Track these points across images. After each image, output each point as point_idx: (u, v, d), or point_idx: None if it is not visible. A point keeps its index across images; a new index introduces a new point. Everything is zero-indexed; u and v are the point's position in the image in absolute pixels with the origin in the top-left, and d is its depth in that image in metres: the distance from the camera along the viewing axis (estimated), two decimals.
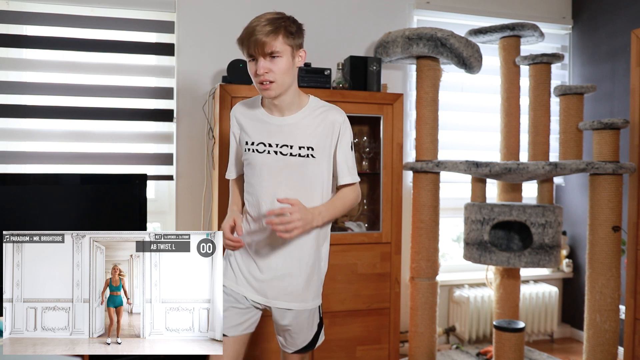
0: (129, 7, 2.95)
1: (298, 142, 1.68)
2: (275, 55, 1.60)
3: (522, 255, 2.79)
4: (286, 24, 1.63)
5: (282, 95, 1.66)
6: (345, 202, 1.75)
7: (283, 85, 1.63)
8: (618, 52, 3.36)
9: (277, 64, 1.60)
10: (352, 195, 1.76)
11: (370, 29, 3.32)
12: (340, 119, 1.74)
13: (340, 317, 2.83)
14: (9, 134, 2.81)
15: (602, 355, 2.73)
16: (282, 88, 1.63)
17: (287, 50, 1.62)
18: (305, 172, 1.68)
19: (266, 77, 1.60)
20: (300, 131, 1.69)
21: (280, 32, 1.60)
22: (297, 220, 1.55)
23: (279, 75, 1.60)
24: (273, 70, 1.60)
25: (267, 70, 1.59)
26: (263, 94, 1.66)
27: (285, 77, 1.62)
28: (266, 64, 1.59)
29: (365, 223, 3.05)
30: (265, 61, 1.59)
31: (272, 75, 1.60)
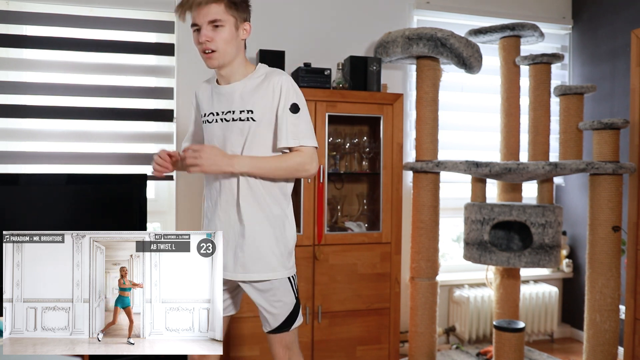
0: (128, 7, 2.95)
1: (238, 106, 1.70)
2: (218, 24, 1.63)
3: (522, 255, 2.79)
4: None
5: (227, 66, 1.70)
6: (282, 162, 1.67)
7: (225, 54, 1.66)
8: (618, 52, 3.36)
9: (220, 33, 1.64)
10: (294, 158, 1.67)
11: (370, 29, 3.32)
12: (281, 81, 1.69)
13: (340, 317, 2.83)
14: (9, 134, 2.81)
15: (602, 355, 2.73)
16: (224, 57, 1.67)
17: (230, 21, 1.65)
18: (247, 135, 1.69)
19: (208, 45, 1.64)
20: (241, 96, 1.71)
21: (222, 1, 1.63)
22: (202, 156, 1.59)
23: (221, 44, 1.64)
24: (215, 39, 1.64)
25: (209, 38, 1.64)
26: (206, 63, 1.69)
27: (228, 47, 1.66)
28: (208, 32, 1.63)
29: (365, 223, 3.05)
30: (207, 30, 1.63)
31: (214, 44, 1.64)
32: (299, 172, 1.69)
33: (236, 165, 1.63)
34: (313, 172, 1.70)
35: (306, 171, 1.69)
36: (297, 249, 2.76)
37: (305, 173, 1.69)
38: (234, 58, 1.69)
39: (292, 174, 1.70)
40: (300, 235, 2.78)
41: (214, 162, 1.61)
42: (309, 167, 1.68)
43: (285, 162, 1.67)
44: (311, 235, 2.78)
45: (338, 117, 2.91)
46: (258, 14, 3.15)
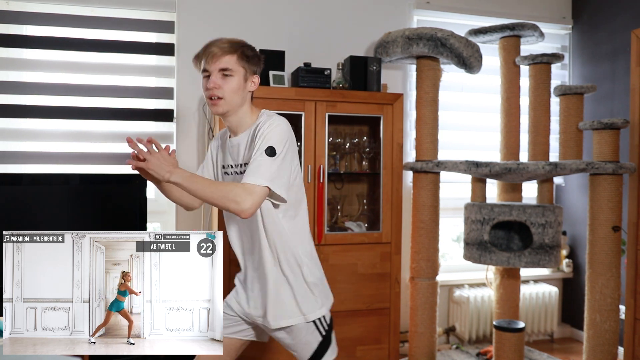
0: (129, 7, 2.95)
1: (242, 159, 1.71)
2: (228, 73, 1.64)
3: (522, 255, 2.79)
4: (244, 48, 1.68)
5: (231, 116, 1.69)
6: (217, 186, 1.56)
7: (231, 104, 1.66)
8: (618, 52, 3.36)
9: (229, 82, 1.64)
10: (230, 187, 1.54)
11: (370, 29, 3.32)
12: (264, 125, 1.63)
13: (340, 317, 2.83)
14: (9, 134, 2.81)
15: (602, 355, 2.73)
16: (229, 106, 1.66)
17: (240, 72, 1.66)
18: None
19: (215, 92, 1.64)
20: (242, 149, 1.71)
21: (236, 52, 1.65)
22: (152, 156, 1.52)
23: (227, 93, 1.64)
24: (223, 87, 1.64)
25: (217, 86, 1.64)
26: (211, 110, 1.69)
27: (234, 97, 1.65)
28: (217, 80, 1.64)
29: (365, 223, 3.05)
30: (217, 77, 1.64)
31: (221, 91, 1.64)
32: (229, 202, 1.52)
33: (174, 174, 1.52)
34: (244, 209, 1.52)
35: (236, 204, 1.51)
36: None
37: (235, 206, 1.51)
38: (238, 108, 1.69)
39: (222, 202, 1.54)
40: None
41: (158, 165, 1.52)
42: (241, 200, 1.51)
43: (220, 187, 1.56)
44: (311, 235, 2.77)
45: (338, 117, 2.91)
46: (258, 14, 3.15)
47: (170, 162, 1.54)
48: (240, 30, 3.10)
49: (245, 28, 3.12)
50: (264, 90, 2.71)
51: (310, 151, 2.76)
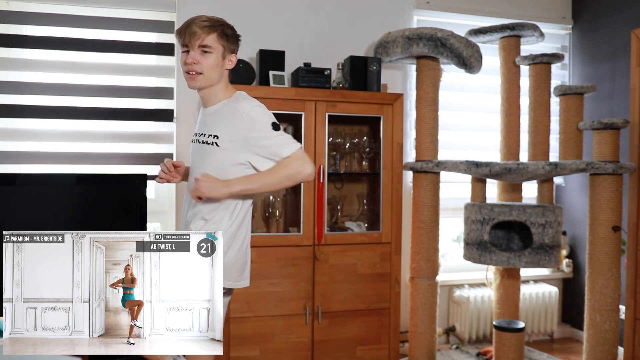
0: (129, 7, 2.95)
1: (208, 130, 1.78)
2: (207, 50, 1.71)
3: (522, 255, 2.79)
4: (223, 26, 1.75)
5: (206, 90, 1.78)
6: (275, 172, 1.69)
7: (208, 79, 1.73)
8: (618, 52, 3.36)
9: (207, 58, 1.71)
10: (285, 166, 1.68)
11: (370, 29, 3.32)
12: (247, 108, 1.72)
13: (340, 317, 2.83)
14: (9, 134, 2.81)
15: (602, 355, 2.73)
16: (207, 82, 1.74)
17: (219, 49, 1.73)
18: (209, 158, 1.75)
19: (194, 67, 1.71)
20: (212, 120, 1.78)
21: (216, 30, 1.72)
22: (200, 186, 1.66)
23: (206, 69, 1.72)
24: (201, 63, 1.71)
25: (195, 61, 1.71)
26: (188, 83, 1.76)
27: (212, 72, 1.73)
28: (197, 55, 1.71)
29: (365, 223, 3.05)
30: (196, 53, 1.70)
31: (199, 67, 1.71)
32: (295, 177, 1.69)
33: (231, 187, 1.67)
34: (309, 173, 1.69)
35: (302, 174, 1.68)
36: (298, 248, 2.77)
37: (302, 176, 1.69)
38: (214, 84, 1.76)
39: (290, 182, 1.71)
40: (300, 235, 2.78)
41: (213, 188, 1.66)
42: (302, 168, 1.68)
43: (277, 173, 1.69)
44: (311, 235, 2.78)
45: (338, 117, 2.91)
46: (258, 14, 3.15)
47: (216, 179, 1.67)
48: (240, 30, 3.09)
49: (245, 28, 3.11)
50: (264, 90, 2.71)
51: (310, 151, 2.76)
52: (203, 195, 1.67)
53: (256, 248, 2.66)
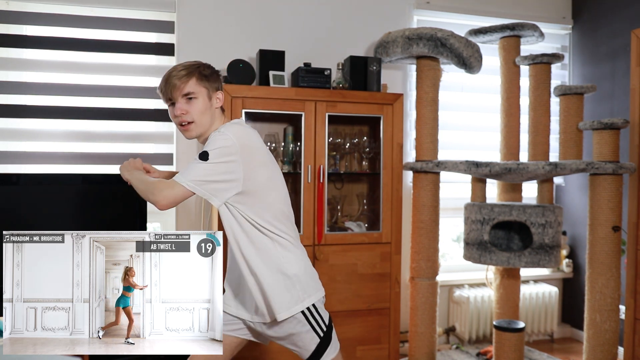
0: (129, 7, 2.95)
1: None
2: (191, 96, 1.69)
3: (522, 255, 2.79)
4: (200, 68, 1.72)
5: (203, 136, 1.74)
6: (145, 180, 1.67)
7: (201, 125, 1.71)
8: (618, 52, 3.36)
9: (194, 104, 1.69)
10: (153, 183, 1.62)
11: (370, 29, 3.32)
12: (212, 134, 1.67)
13: (340, 317, 2.83)
14: (9, 134, 2.81)
15: (602, 355, 2.73)
16: (200, 128, 1.72)
17: (202, 92, 1.70)
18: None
19: (184, 117, 1.70)
20: None
21: (193, 75, 1.70)
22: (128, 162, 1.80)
23: (196, 116, 1.69)
24: (190, 111, 1.69)
25: (183, 111, 1.69)
26: (184, 135, 1.74)
27: (203, 117, 1.71)
28: (183, 105, 1.69)
29: (365, 223, 3.05)
30: (182, 103, 1.69)
31: (189, 116, 1.69)
32: (147, 196, 1.62)
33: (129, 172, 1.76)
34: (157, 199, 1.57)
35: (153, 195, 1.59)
36: None
37: (152, 197, 1.59)
38: (209, 127, 1.73)
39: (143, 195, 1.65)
40: (300, 236, 2.77)
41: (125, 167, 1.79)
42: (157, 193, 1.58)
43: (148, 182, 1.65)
44: (311, 235, 2.78)
45: (338, 117, 2.91)
46: (258, 14, 3.15)
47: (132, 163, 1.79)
48: (240, 30, 3.10)
49: (245, 28, 3.12)
50: (264, 90, 2.71)
51: (310, 151, 2.76)
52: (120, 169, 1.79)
53: None
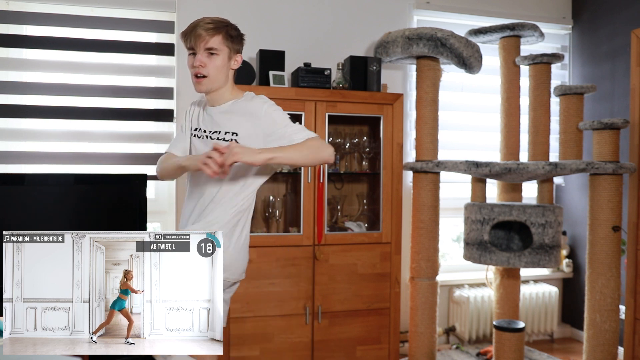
0: (129, 7, 2.95)
1: (224, 128, 1.77)
2: (213, 52, 1.71)
3: (522, 255, 2.79)
4: (228, 27, 1.75)
5: (214, 92, 1.77)
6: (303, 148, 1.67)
7: (215, 81, 1.74)
8: (618, 52, 3.36)
9: (213, 60, 1.71)
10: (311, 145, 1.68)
11: (370, 29, 3.32)
12: (259, 106, 1.75)
13: (340, 317, 2.83)
14: (9, 134, 2.81)
15: (602, 355, 2.73)
16: (213, 84, 1.74)
17: (225, 51, 1.73)
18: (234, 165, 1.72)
19: (201, 70, 1.71)
20: (227, 119, 1.78)
21: (221, 32, 1.72)
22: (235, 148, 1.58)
23: (212, 70, 1.72)
24: (208, 65, 1.71)
25: (202, 64, 1.71)
26: (195, 87, 1.76)
27: (219, 74, 1.73)
28: (203, 58, 1.71)
29: (365, 223, 3.05)
30: (202, 56, 1.71)
31: (206, 69, 1.71)
32: (320, 154, 1.68)
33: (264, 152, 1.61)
34: (331, 152, 1.70)
35: (324, 151, 1.68)
36: (298, 248, 2.77)
37: (325, 154, 1.68)
38: (221, 86, 1.77)
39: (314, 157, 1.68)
40: (300, 235, 2.78)
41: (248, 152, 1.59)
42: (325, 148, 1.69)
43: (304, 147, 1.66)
44: (311, 235, 2.78)
45: (338, 117, 2.91)
46: (258, 14, 3.15)
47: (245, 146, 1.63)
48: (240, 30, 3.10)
49: (245, 28, 3.10)
50: (264, 90, 2.71)
51: None
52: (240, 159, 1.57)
53: (256, 248, 2.66)
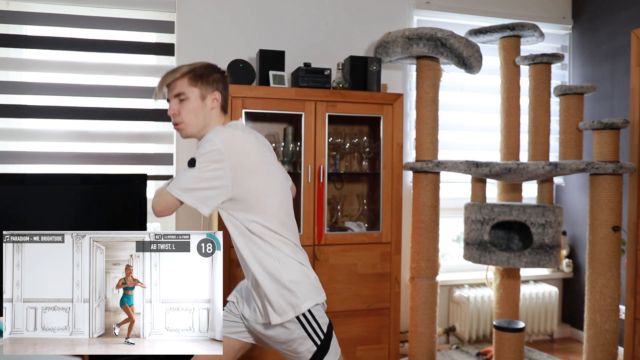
0: (129, 7, 2.95)
1: None
2: (182, 97, 1.69)
3: (522, 255, 2.79)
4: (195, 68, 1.70)
5: (197, 136, 1.74)
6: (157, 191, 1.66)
7: (191, 125, 1.71)
8: (618, 52, 3.37)
9: (184, 105, 1.70)
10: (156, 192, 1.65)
11: (370, 29, 3.32)
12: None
13: (340, 317, 2.83)
14: (9, 134, 2.81)
15: (602, 355, 2.73)
16: (191, 129, 1.71)
17: (194, 92, 1.69)
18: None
19: (175, 118, 1.71)
20: None
21: (185, 75, 1.69)
22: None
23: (186, 116, 1.70)
24: (181, 112, 1.70)
25: (175, 112, 1.71)
26: (179, 134, 1.76)
27: (193, 118, 1.70)
28: (175, 105, 1.71)
29: (365, 223, 3.05)
30: (174, 103, 1.71)
31: (179, 117, 1.70)
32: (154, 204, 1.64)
33: None
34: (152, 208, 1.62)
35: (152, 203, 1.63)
36: None
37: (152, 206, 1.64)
38: (202, 128, 1.71)
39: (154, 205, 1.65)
40: (300, 235, 2.77)
41: None
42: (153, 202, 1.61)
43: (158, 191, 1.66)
44: (311, 235, 2.78)
45: (338, 117, 2.91)
46: (258, 14, 3.15)
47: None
48: (240, 30, 3.10)
49: (245, 28, 3.12)
50: (264, 90, 2.71)
51: (310, 151, 2.76)
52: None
53: None
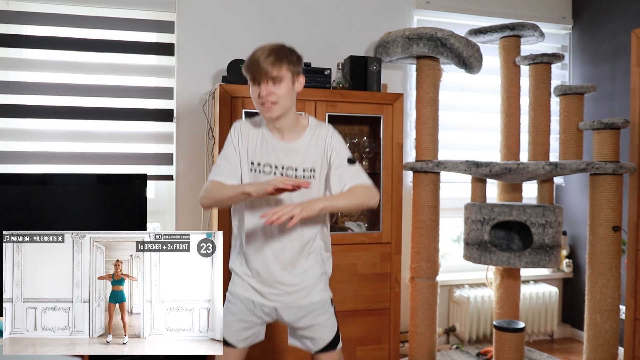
0: (129, 7, 2.95)
1: (302, 164, 1.78)
2: (277, 80, 1.71)
3: (522, 255, 2.79)
4: (288, 55, 1.75)
5: (282, 119, 1.76)
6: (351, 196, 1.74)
7: (284, 107, 1.73)
8: (618, 52, 3.36)
9: (279, 87, 1.71)
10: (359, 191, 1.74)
11: (370, 29, 3.32)
12: (330, 136, 1.81)
13: (340, 317, 2.82)
14: (9, 134, 2.81)
15: (602, 355, 2.73)
16: (282, 109, 1.73)
17: (288, 76, 1.73)
18: (311, 192, 1.75)
19: (269, 98, 1.70)
20: (303, 154, 1.79)
21: (283, 61, 1.72)
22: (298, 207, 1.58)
23: (280, 98, 1.71)
24: (275, 93, 1.71)
25: (269, 92, 1.70)
26: (265, 115, 1.75)
27: (286, 100, 1.73)
28: (269, 87, 1.70)
29: (365, 223, 3.05)
30: (268, 85, 1.70)
31: (274, 96, 1.71)
32: (368, 202, 1.74)
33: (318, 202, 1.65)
34: (375, 202, 1.76)
35: (371, 200, 1.74)
36: None
37: (372, 202, 1.75)
38: (288, 109, 1.76)
39: (360, 205, 1.77)
40: None
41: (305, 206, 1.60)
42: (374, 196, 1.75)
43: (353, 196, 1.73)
44: None
45: (338, 117, 2.90)
46: (258, 14, 3.15)
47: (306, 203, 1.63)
48: (240, 31, 3.10)
49: (245, 28, 3.12)
50: None
51: None
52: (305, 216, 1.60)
53: None
